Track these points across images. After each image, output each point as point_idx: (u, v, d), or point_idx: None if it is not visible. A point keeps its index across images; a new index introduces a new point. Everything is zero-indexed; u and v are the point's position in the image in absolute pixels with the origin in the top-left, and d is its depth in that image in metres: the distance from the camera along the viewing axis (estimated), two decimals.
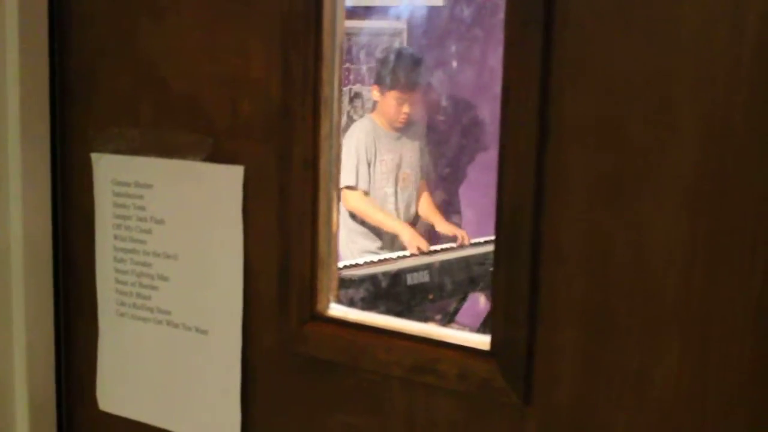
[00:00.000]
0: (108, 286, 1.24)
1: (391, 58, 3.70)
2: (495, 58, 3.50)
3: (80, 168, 1.25)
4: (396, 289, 3.19)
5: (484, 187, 3.09)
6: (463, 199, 4.03)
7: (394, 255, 3.45)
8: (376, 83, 3.66)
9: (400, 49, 4.06)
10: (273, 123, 1.07)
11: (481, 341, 0.97)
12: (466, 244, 3.56)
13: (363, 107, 4.27)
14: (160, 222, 1.18)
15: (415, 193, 3.65)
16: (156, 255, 1.19)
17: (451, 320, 3.47)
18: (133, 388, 1.24)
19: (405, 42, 4.20)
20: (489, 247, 2.73)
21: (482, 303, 3.30)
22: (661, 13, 0.81)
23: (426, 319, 3.31)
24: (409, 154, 3.63)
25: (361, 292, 3.06)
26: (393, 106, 3.51)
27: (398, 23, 4.21)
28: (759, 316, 0.80)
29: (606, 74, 0.85)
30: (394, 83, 3.52)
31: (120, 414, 1.26)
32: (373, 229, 3.54)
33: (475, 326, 3.38)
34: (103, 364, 1.27)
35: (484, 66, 3.84)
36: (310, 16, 1.02)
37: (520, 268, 0.91)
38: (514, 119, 0.89)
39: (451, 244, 3.58)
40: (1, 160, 1.21)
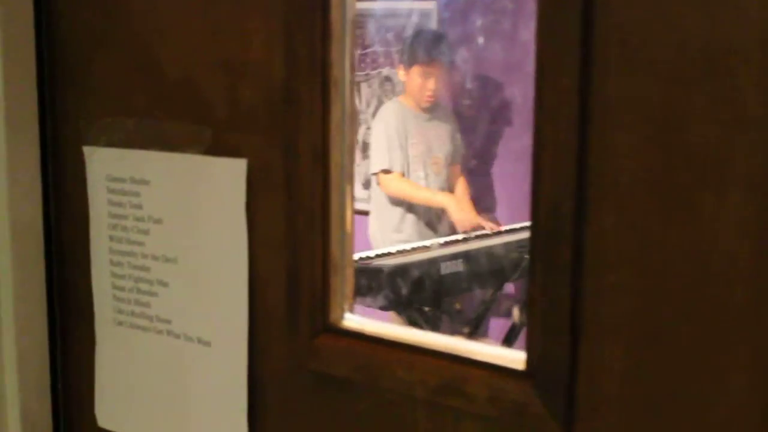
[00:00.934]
0: (105, 292, 1.13)
1: (411, 34, 3.58)
2: (530, 33, 3.35)
3: (73, 162, 1.14)
4: (429, 279, 3.06)
5: (520, 168, 2.94)
6: (497, 181, 3.90)
7: (428, 243, 3.32)
8: (400, 62, 3.55)
9: (420, 29, 3.94)
10: (277, 111, 0.96)
11: (515, 359, 0.84)
12: (502, 231, 3.43)
13: (393, 91, 4.15)
14: (159, 222, 1.07)
15: (446, 177, 3.52)
16: (155, 258, 1.08)
17: (485, 315, 3.33)
18: (133, 403, 1.14)
19: (435, 22, 4.06)
20: (526, 234, 2.60)
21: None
22: None
23: (459, 315, 3.20)
24: (440, 137, 3.50)
25: (391, 283, 2.94)
26: (418, 82, 3.40)
27: (427, 3, 4.06)
28: None
29: (660, 46, 0.71)
30: (416, 58, 3.40)
31: (121, 431, 1.15)
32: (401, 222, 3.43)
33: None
34: (101, 376, 1.16)
35: (516, 42, 3.68)
36: None
37: (561, 275, 0.78)
38: (550, 102, 0.76)
39: (486, 231, 3.45)
40: None
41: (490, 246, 3.27)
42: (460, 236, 3.33)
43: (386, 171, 3.39)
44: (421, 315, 3.18)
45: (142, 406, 1.13)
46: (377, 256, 3.17)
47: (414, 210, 3.41)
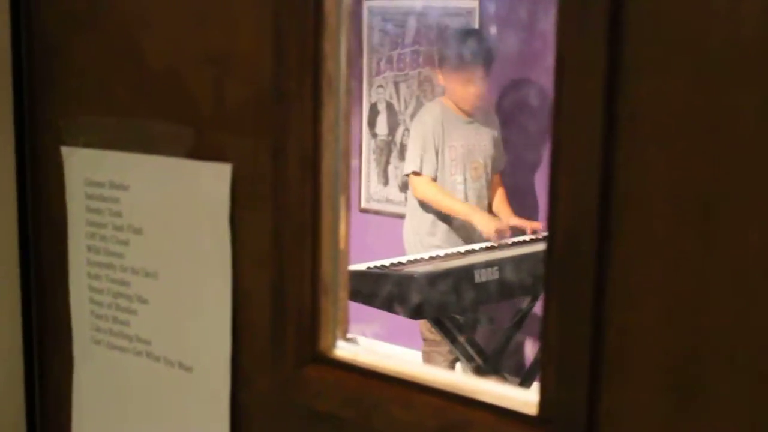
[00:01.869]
0: (82, 307, 1.03)
1: (449, 36, 3.43)
2: None
3: (50, 165, 1.04)
4: (463, 288, 2.92)
5: None
6: (540, 188, 3.75)
7: (462, 249, 3.19)
8: (438, 66, 3.40)
9: (459, 28, 3.80)
10: (266, 110, 0.84)
11: (527, 401, 0.72)
12: (540, 237, 3.28)
13: (433, 91, 4.02)
14: (138, 232, 0.96)
15: (486, 183, 3.37)
16: (134, 272, 0.97)
17: (520, 325, 3.19)
18: (112, 429, 1.03)
19: (477, 21, 3.93)
20: None
21: None
22: None
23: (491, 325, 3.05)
24: (482, 142, 3.36)
25: (422, 291, 2.81)
26: (458, 86, 3.25)
27: (470, 1, 3.93)
28: None
29: (699, 40, 0.59)
30: (456, 58, 3.25)
31: None
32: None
33: None
34: (79, 400, 1.06)
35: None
36: None
37: (580, 307, 0.66)
38: (571, 105, 0.64)
39: (523, 237, 3.31)
40: None
41: (527, 254, 3.13)
42: (495, 243, 3.19)
43: (416, 173, 3.27)
44: (453, 324, 3.06)
45: None
46: (409, 262, 3.05)
47: (443, 217, 3.28)
